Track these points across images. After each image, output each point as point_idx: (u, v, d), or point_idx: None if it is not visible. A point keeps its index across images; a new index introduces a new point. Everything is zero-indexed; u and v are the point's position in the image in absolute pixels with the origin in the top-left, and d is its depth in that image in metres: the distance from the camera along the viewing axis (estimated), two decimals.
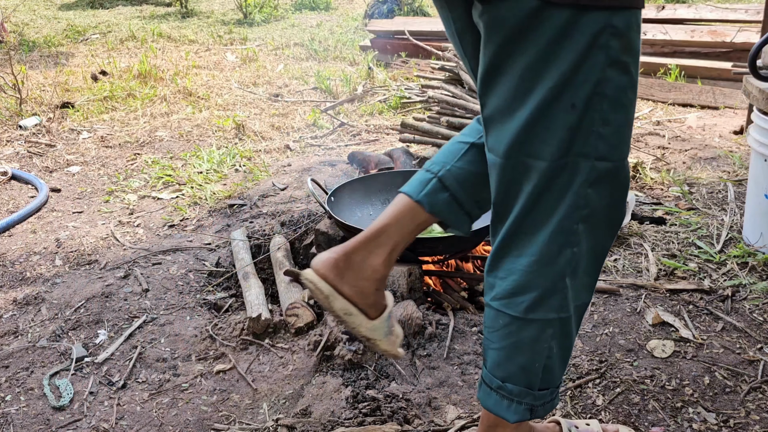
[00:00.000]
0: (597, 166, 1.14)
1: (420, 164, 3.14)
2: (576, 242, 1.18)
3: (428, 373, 1.87)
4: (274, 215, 2.89)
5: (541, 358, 1.25)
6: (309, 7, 9.17)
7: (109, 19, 8.57)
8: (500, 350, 1.26)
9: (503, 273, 1.23)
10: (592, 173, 1.14)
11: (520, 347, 1.24)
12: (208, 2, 9.96)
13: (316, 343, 1.97)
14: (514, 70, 1.12)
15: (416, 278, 2.11)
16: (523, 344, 1.23)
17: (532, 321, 1.21)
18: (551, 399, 1.31)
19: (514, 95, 1.13)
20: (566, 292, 1.21)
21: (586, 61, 1.07)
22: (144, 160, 3.73)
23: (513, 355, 1.25)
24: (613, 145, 1.14)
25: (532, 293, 1.20)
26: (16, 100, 4.55)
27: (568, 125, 1.11)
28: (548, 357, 1.25)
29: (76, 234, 2.86)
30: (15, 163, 3.74)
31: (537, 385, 1.27)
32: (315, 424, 1.69)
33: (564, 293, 1.20)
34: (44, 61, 6.15)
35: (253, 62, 6.07)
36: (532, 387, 1.27)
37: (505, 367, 1.26)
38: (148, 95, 4.89)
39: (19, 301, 2.34)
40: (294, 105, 4.77)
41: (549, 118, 1.11)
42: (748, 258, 2.33)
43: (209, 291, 2.41)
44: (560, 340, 1.25)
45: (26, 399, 1.86)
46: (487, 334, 1.29)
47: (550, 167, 1.13)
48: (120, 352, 2.06)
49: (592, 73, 1.08)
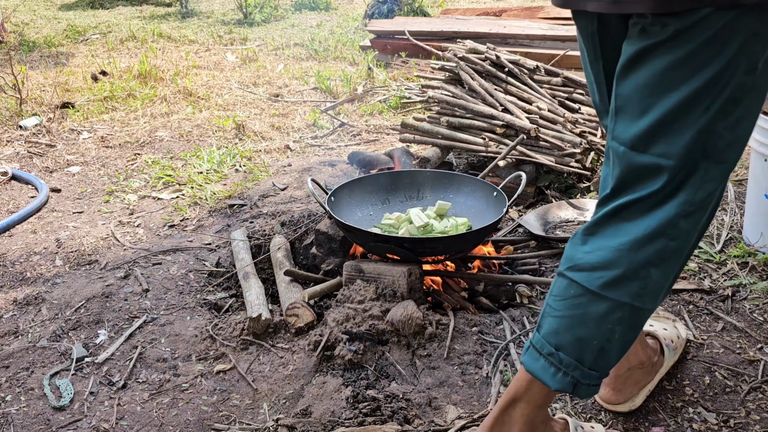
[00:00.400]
0: (713, 168, 1.17)
1: (420, 164, 3.14)
2: (674, 236, 1.20)
3: (428, 373, 1.87)
4: (274, 215, 2.89)
5: (601, 338, 1.26)
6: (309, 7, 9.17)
7: (109, 20, 8.57)
8: (562, 318, 1.28)
9: (590, 248, 1.26)
10: (707, 174, 1.17)
11: (584, 320, 1.26)
12: (208, 2, 9.96)
13: (317, 343, 1.97)
14: (657, 65, 1.13)
15: (416, 278, 2.11)
16: (588, 318, 1.25)
17: (605, 298, 1.23)
18: (596, 384, 1.32)
19: (652, 91, 1.15)
20: (647, 282, 1.22)
21: (731, 65, 1.09)
22: (144, 160, 3.73)
23: (574, 326, 1.27)
24: (733, 150, 1.17)
25: (614, 271, 1.22)
26: (16, 100, 4.56)
27: (698, 127, 1.13)
28: (608, 339, 1.26)
29: (77, 234, 2.86)
30: (15, 163, 3.74)
31: (588, 363, 1.28)
32: (315, 424, 1.69)
33: (645, 282, 1.22)
34: (44, 61, 6.15)
35: (253, 62, 6.07)
36: (582, 362, 1.28)
37: (563, 336, 1.28)
38: (148, 95, 4.89)
39: (19, 301, 2.34)
40: (294, 105, 4.77)
41: (682, 118, 1.13)
42: (749, 258, 2.33)
43: (209, 291, 2.41)
44: (625, 328, 1.26)
45: (26, 399, 1.87)
46: (552, 302, 1.31)
47: (672, 165, 1.16)
48: (120, 352, 2.06)
49: (733, 77, 1.10)
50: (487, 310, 2.18)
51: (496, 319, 2.11)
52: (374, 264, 2.14)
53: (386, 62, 5.76)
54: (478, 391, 1.80)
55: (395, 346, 1.96)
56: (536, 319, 2.09)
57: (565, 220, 2.76)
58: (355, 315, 2.01)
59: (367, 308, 2.03)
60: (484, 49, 3.51)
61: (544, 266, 2.43)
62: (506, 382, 1.82)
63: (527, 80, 3.32)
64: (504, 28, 5.37)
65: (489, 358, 1.92)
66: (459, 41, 4.01)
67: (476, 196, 2.48)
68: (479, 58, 3.45)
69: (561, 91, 3.33)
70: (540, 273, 2.39)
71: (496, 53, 3.43)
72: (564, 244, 2.51)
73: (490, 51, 3.47)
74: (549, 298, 1.32)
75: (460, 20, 5.91)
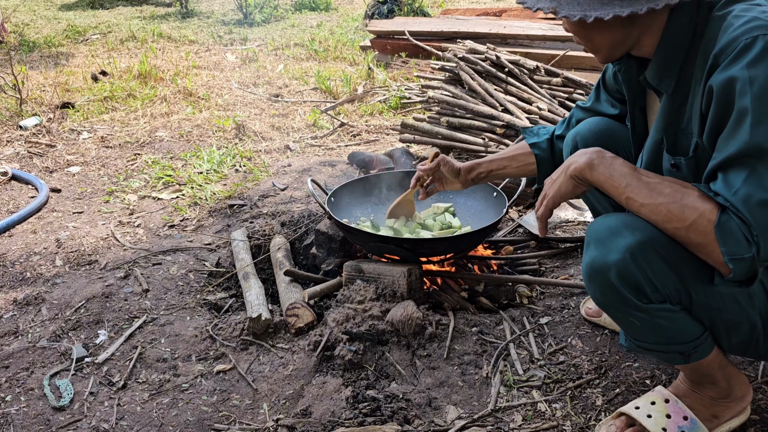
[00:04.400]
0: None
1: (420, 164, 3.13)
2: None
3: (428, 373, 1.87)
4: (274, 215, 2.89)
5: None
6: (309, 7, 9.17)
7: (109, 20, 8.57)
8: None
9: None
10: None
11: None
12: (208, 2, 9.96)
13: (317, 343, 1.97)
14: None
15: (416, 278, 2.11)
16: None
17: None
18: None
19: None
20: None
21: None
22: (144, 161, 3.73)
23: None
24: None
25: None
26: (17, 101, 4.55)
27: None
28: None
29: (76, 234, 2.86)
30: (15, 164, 3.74)
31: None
32: (315, 424, 1.69)
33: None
34: (44, 62, 6.15)
35: (253, 62, 6.07)
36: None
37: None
38: (149, 95, 4.89)
39: (19, 301, 2.34)
40: (294, 105, 4.77)
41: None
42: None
43: (209, 291, 2.41)
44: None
45: (26, 399, 1.86)
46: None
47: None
48: (120, 352, 2.06)
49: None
50: (487, 310, 2.18)
51: (496, 319, 2.11)
52: (374, 264, 2.14)
53: (386, 62, 5.76)
54: (478, 391, 1.80)
55: (395, 346, 1.95)
56: (536, 319, 2.09)
57: (565, 220, 2.76)
58: (355, 315, 2.01)
59: (367, 308, 2.03)
60: (484, 50, 3.51)
61: (544, 266, 2.43)
62: (506, 382, 1.82)
63: (527, 80, 3.32)
64: (504, 29, 5.37)
65: (489, 358, 1.92)
66: (459, 41, 4.01)
67: (476, 197, 2.48)
68: (479, 58, 3.45)
69: (561, 91, 3.33)
70: (540, 273, 2.39)
71: (496, 53, 3.43)
72: (564, 244, 2.51)
73: (490, 51, 3.47)
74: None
75: (460, 20, 5.91)
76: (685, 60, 1.31)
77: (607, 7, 1.23)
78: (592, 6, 1.24)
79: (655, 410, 1.49)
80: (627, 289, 1.31)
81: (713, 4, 1.28)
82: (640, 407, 1.51)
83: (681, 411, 1.48)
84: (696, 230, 1.20)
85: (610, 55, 1.38)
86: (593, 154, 1.37)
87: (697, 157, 1.31)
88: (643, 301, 1.33)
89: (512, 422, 1.67)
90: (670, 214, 1.23)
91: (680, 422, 1.47)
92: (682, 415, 1.48)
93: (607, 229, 1.34)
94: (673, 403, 1.50)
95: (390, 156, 3.36)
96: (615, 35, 1.32)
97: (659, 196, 1.25)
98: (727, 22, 1.22)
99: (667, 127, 1.37)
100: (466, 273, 2.32)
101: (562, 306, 2.15)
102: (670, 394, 1.52)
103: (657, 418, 1.48)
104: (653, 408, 1.50)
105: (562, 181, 1.43)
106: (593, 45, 1.37)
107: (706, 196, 1.20)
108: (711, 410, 1.52)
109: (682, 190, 1.23)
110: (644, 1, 1.22)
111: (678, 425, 1.46)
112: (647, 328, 1.37)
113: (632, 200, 1.30)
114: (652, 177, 1.29)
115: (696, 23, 1.28)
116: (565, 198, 1.46)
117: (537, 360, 1.90)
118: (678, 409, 1.49)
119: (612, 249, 1.31)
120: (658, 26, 1.31)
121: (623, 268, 1.30)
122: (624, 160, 1.35)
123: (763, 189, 1.12)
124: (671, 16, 1.30)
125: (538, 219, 1.53)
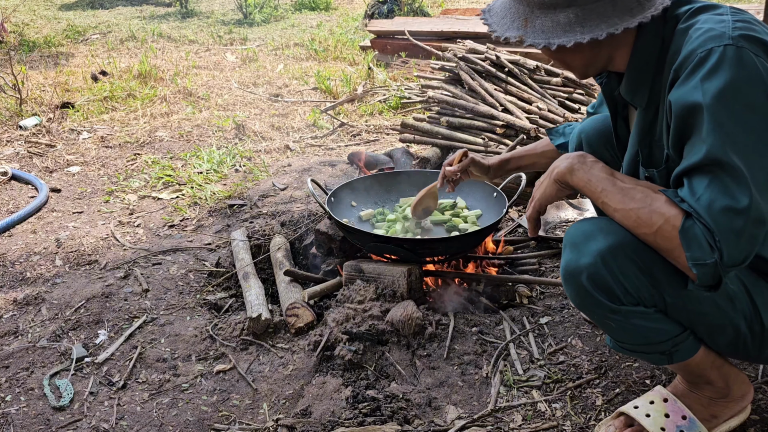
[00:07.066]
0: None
1: (420, 164, 3.14)
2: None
3: (428, 373, 1.87)
4: (274, 215, 2.89)
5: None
6: (309, 7, 9.17)
7: (109, 20, 8.57)
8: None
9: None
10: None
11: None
12: (208, 2, 9.96)
13: (316, 343, 1.97)
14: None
15: (416, 278, 2.11)
16: None
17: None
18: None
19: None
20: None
21: None
22: (144, 161, 3.73)
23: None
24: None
25: None
26: (16, 100, 4.55)
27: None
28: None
29: (76, 234, 2.86)
30: (15, 163, 3.74)
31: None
32: (315, 424, 1.69)
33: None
34: (44, 61, 6.15)
35: (253, 62, 6.07)
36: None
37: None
38: (148, 95, 4.89)
39: (19, 301, 2.34)
40: (294, 105, 4.77)
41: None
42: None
43: (209, 291, 2.41)
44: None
45: (26, 399, 1.87)
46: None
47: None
48: (120, 352, 2.06)
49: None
50: (487, 310, 2.19)
51: (496, 319, 2.11)
52: (374, 264, 2.14)
53: (386, 62, 5.76)
54: (478, 391, 1.80)
55: (395, 346, 1.96)
56: (536, 319, 2.09)
57: (565, 220, 2.76)
58: (355, 315, 2.01)
59: (367, 308, 2.03)
60: (484, 49, 3.51)
61: (544, 266, 2.43)
62: (506, 382, 1.82)
63: (527, 80, 3.32)
64: None
65: (489, 358, 1.92)
66: (459, 41, 4.01)
67: (476, 197, 2.48)
68: (479, 58, 3.45)
69: (561, 91, 3.32)
70: (540, 273, 2.39)
71: (496, 53, 3.43)
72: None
73: (490, 51, 3.47)
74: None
75: (460, 20, 5.91)
76: (655, 74, 1.33)
77: (570, 35, 1.26)
78: (555, 34, 1.27)
79: (654, 410, 1.49)
80: (598, 292, 1.34)
81: (679, 17, 1.30)
82: (638, 407, 1.51)
83: (679, 410, 1.48)
84: (662, 235, 1.22)
85: (585, 73, 1.42)
86: (574, 159, 1.41)
87: (669, 168, 1.33)
88: (615, 303, 1.35)
89: (512, 422, 1.67)
90: (639, 220, 1.25)
91: (679, 421, 1.47)
92: (680, 414, 1.48)
93: (582, 234, 1.37)
94: (671, 402, 1.50)
95: (390, 156, 3.36)
96: (584, 57, 1.35)
97: (631, 202, 1.27)
98: (688, 35, 1.24)
99: (642, 140, 1.40)
100: (466, 273, 2.32)
101: (562, 306, 2.15)
102: (669, 394, 1.53)
103: (655, 418, 1.48)
104: (652, 407, 1.50)
105: (547, 185, 1.48)
106: (567, 66, 1.41)
107: (672, 202, 1.21)
108: (709, 410, 1.52)
109: (652, 195, 1.25)
110: (604, 26, 1.25)
111: (676, 424, 1.46)
112: (622, 329, 1.39)
113: (607, 205, 1.33)
114: (627, 182, 1.31)
115: (663, 38, 1.31)
116: (551, 201, 1.50)
117: (537, 360, 1.90)
118: (677, 409, 1.49)
119: (584, 253, 1.34)
120: (627, 43, 1.34)
121: (594, 271, 1.32)
122: (604, 165, 1.38)
123: (725, 196, 1.14)
124: (638, 33, 1.32)
125: (527, 220, 1.58)
